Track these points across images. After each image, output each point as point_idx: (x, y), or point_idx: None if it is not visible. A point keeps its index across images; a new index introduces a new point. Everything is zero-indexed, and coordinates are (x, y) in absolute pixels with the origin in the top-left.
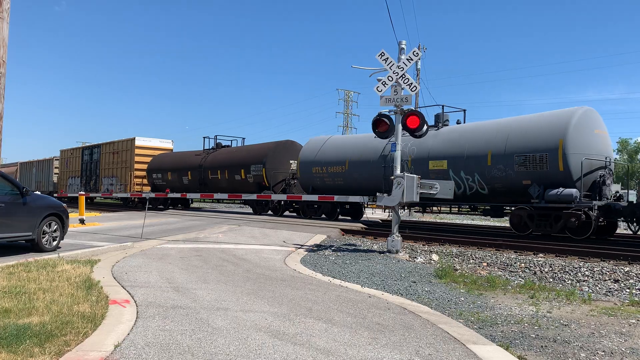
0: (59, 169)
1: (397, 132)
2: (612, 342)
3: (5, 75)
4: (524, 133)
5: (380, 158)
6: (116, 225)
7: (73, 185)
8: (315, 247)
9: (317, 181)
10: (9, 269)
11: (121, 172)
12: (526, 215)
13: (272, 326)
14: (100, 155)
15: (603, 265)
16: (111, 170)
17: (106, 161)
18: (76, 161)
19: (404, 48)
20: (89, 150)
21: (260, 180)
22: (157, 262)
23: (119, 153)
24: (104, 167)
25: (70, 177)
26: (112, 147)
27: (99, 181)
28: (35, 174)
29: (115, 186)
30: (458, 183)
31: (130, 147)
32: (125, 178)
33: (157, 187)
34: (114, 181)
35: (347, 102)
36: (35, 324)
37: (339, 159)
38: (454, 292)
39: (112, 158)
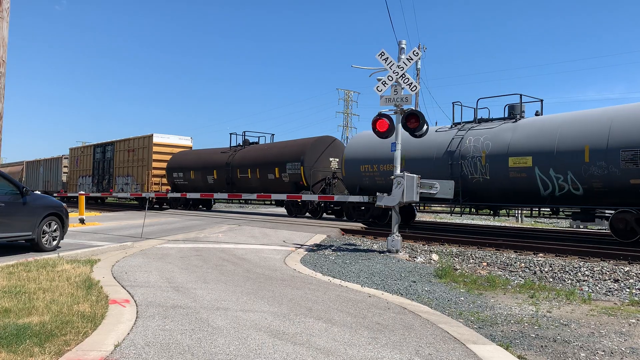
0: (68, 168)
1: (397, 132)
2: (612, 342)
3: (5, 75)
4: (633, 123)
5: (446, 154)
6: (116, 225)
7: (84, 185)
8: (315, 246)
9: (365, 181)
10: (9, 268)
11: (137, 170)
12: (634, 219)
13: (272, 326)
14: (114, 153)
15: (603, 265)
16: (126, 169)
17: (120, 159)
18: (87, 160)
19: (404, 48)
20: (101, 148)
21: (297, 179)
22: (157, 261)
23: (135, 151)
24: (118, 166)
25: (81, 176)
26: (127, 144)
27: (112, 180)
28: (43, 173)
29: (130, 186)
30: (545, 182)
31: (147, 144)
32: (142, 177)
33: (177, 186)
34: (130, 180)
35: (347, 102)
36: (35, 323)
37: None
38: (453, 291)
39: (127, 156)
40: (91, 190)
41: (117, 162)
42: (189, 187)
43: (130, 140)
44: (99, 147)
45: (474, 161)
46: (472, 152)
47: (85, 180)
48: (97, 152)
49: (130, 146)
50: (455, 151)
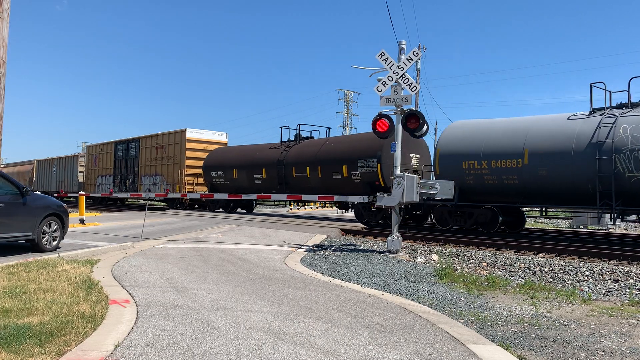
0: (85, 167)
1: (397, 132)
2: (612, 342)
3: (5, 75)
4: None
5: (589, 147)
6: (116, 225)
7: (104, 185)
8: (315, 247)
9: (469, 180)
10: (9, 269)
11: (167, 169)
12: None
13: (272, 326)
14: (139, 151)
15: (603, 265)
16: (154, 167)
17: (147, 157)
18: (107, 158)
19: (404, 48)
20: (123, 145)
21: (372, 178)
22: (157, 262)
23: (165, 147)
24: (144, 164)
25: (100, 175)
26: (155, 140)
27: (137, 180)
28: (56, 172)
29: (159, 186)
30: None
31: (179, 140)
32: (174, 176)
33: (216, 187)
34: (159, 180)
35: (347, 102)
36: (36, 323)
37: (510, 149)
38: (454, 292)
39: (155, 153)
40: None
41: (143, 160)
42: (230, 188)
43: (159, 136)
44: (121, 144)
45: (634, 155)
46: (630, 144)
47: (105, 180)
48: (119, 150)
49: (159, 142)
50: (604, 143)
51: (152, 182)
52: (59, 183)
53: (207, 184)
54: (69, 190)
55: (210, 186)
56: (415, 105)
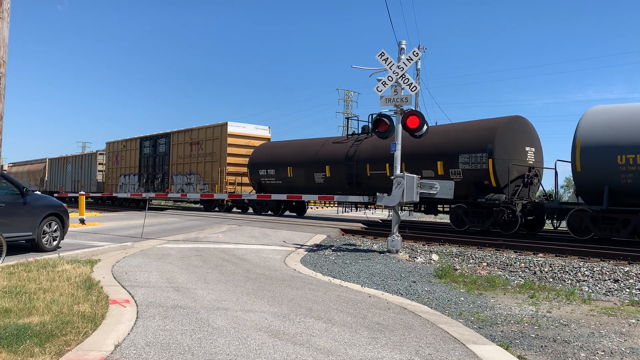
0: (104, 165)
1: (397, 132)
2: (612, 342)
3: (5, 75)
4: None
5: None
6: (116, 225)
7: (127, 185)
8: (315, 247)
9: (627, 179)
10: (9, 269)
11: (204, 167)
12: None
13: (272, 326)
14: (170, 147)
15: (603, 265)
16: (188, 165)
17: (179, 154)
18: (131, 155)
19: (404, 48)
20: (150, 140)
21: (479, 177)
22: (157, 262)
23: (201, 143)
24: (175, 162)
25: (123, 174)
26: (188, 135)
27: (167, 179)
28: (72, 171)
29: (194, 186)
30: None
31: (219, 135)
32: (212, 175)
33: (265, 187)
34: (194, 179)
35: (347, 102)
36: (36, 323)
37: None
38: (453, 292)
39: (190, 150)
40: (138, 191)
41: (175, 157)
42: (282, 188)
43: (194, 130)
44: (147, 140)
45: None
46: None
47: (128, 179)
48: (146, 146)
49: (193, 138)
50: None
51: (186, 181)
52: (75, 183)
53: (253, 184)
54: (87, 190)
55: (257, 186)
56: (415, 105)
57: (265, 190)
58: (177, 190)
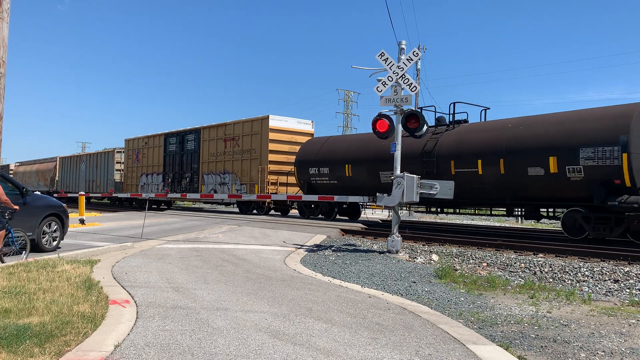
0: (123, 164)
1: (397, 132)
2: (612, 342)
3: (5, 75)
4: None
5: None
6: (116, 225)
7: (150, 185)
8: (315, 247)
9: None
10: (9, 269)
11: (241, 165)
12: None
13: (272, 326)
14: (200, 144)
15: (603, 265)
16: (221, 163)
17: (211, 151)
18: (154, 153)
19: (404, 48)
20: (177, 137)
21: (608, 175)
22: (157, 262)
23: (237, 139)
24: (206, 160)
25: (145, 174)
26: (222, 131)
27: (197, 179)
28: (86, 171)
29: (229, 186)
30: None
31: (259, 129)
32: (251, 175)
33: (316, 187)
34: (228, 179)
35: (347, 102)
36: (35, 324)
37: None
38: (453, 292)
39: (224, 147)
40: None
41: (206, 154)
42: (339, 188)
43: (228, 125)
44: (173, 137)
45: None
46: None
47: (151, 179)
48: (171, 143)
49: (228, 133)
50: None
51: (219, 181)
52: (89, 183)
53: (301, 184)
54: (104, 191)
55: (307, 186)
56: (415, 105)
57: (317, 192)
58: (209, 191)
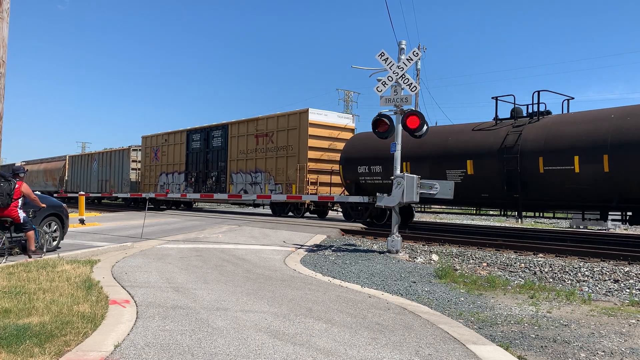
0: (141, 163)
1: (397, 132)
2: (612, 342)
3: (5, 75)
4: None
5: None
6: (116, 225)
7: (171, 185)
8: (315, 247)
9: None
10: (9, 269)
11: (275, 163)
12: None
13: (272, 326)
14: (228, 140)
15: (603, 265)
16: (252, 161)
17: (241, 149)
18: (176, 150)
19: (404, 48)
20: (201, 133)
21: None
22: (157, 262)
23: (271, 135)
24: (235, 158)
25: (165, 172)
26: (253, 126)
27: (225, 178)
28: (98, 170)
29: (262, 185)
30: None
31: (297, 124)
32: (287, 173)
33: (366, 187)
34: (260, 178)
35: (347, 102)
36: (35, 324)
37: None
38: (453, 292)
39: (255, 143)
40: (185, 192)
41: (235, 152)
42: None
43: (261, 120)
44: (197, 133)
45: None
46: None
47: (172, 178)
48: (194, 140)
49: (260, 129)
50: None
51: (250, 180)
52: (102, 183)
53: (348, 184)
54: (118, 191)
55: (355, 187)
56: (415, 105)
57: (367, 193)
58: (239, 191)
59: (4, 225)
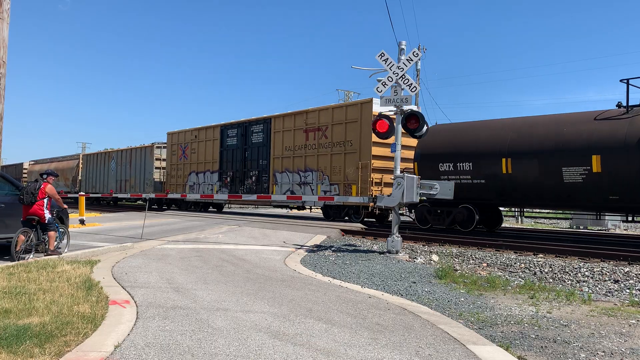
0: (166, 162)
1: (397, 132)
2: (612, 343)
3: (5, 75)
4: None
5: None
6: (116, 225)
7: (202, 185)
8: (315, 247)
9: None
10: (9, 269)
11: (331, 161)
12: None
13: (272, 327)
14: (271, 136)
15: (603, 265)
16: (301, 159)
17: (286, 145)
18: (207, 147)
19: (404, 49)
20: (238, 128)
21: None
22: (157, 262)
23: (325, 129)
24: (280, 155)
25: (194, 172)
26: (302, 119)
27: (267, 178)
28: (116, 169)
29: (314, 186)
30: None
31: (357, 116)
32: (345, 172)
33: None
34: (312, 177)
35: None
36: (36, 324)
37: None
38: (454, 292)
39: (305, 139)
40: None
41: (279, 149)
42: (487, 189)
43: (311, 112)
44: (233, 128)
45: None
46: None
47: (204, 178)
48: (230, 136)
49: (311, 122)
50: None
51: (298, 180)
52: (122, 183)
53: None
54: (141, 191)
55: None
56: (416, 104)
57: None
58: (284, 192)
59: (31, 223)
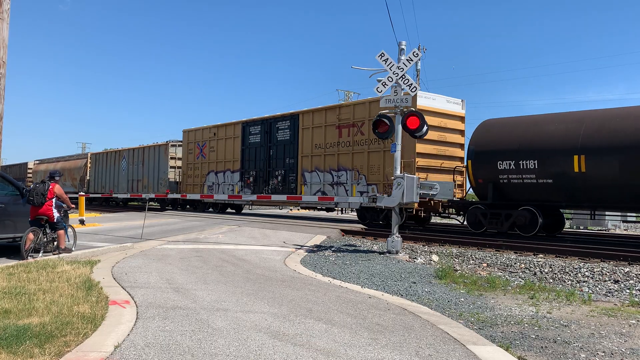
0: (182, 160)
1: (397, 132)
2: (612, 343)
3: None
4: None
5: None
6: (116, 226)
7: (222, 186)
8: (315, 247)
9: None
10: (9, 269)
11: (368, 160)
12: None
13: (272, 327)
14: (299, 133)
15: (603, 265)
16: (334, 157)
17: (316, 142)
18: (227, 145)
19: (404, 49)
20: (262, 125)
21: None
22: (157, 262)
23: (362, 125)
24: (309, 153)
25: (213, 171)
26: (334, 114)
27: (295, 178)
28: (128, 169)
29: (348, 186)
30: None
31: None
32: (383, 171)
33: (509, 189)
34: (346, 177)
35: None
36: (35, 324)
37: None
38: (454, 292)
39: (338, 136)
40: (243, 193)
41: (308, 146)
42: (555, 190)
43: (345, 107)
44: (255, 125)
45: None
46: None
47: (224, 177)
48: (252, 133)
49: (344, 118)
50: None
51: (330, 180)
52: (133, 183)
53: (481, 185)
54: (155, 192)
55: (493, 188)
56: None
57: (510, 195)
58: (315, 193)
59: (40, 223)
